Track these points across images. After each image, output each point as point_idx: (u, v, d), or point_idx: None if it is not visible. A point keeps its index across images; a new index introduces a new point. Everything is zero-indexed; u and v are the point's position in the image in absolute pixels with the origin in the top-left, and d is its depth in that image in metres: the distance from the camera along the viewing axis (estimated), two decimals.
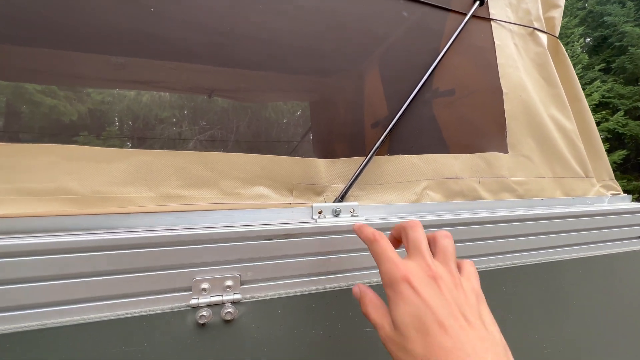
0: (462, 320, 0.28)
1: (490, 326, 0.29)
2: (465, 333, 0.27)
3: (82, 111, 0.37)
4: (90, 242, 0.38)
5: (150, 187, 0.48)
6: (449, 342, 0.27)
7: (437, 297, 0.29)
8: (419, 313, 0.28)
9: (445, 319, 0.28)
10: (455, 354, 0.26)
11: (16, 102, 0.34)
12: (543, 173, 0.73)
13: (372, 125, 0.70)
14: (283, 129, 0.47)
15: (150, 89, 0.50)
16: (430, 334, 0.27)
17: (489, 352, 0.26)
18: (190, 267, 0.41)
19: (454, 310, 0.29)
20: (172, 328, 0.39)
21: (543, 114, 0.76)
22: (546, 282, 0.62)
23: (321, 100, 0.59)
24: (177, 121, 0.41)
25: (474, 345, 0.26)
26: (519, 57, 0.77)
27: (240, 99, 0.54)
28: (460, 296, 0.30)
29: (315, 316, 0.46)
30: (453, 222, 0.57)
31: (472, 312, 0.29)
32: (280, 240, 0.45)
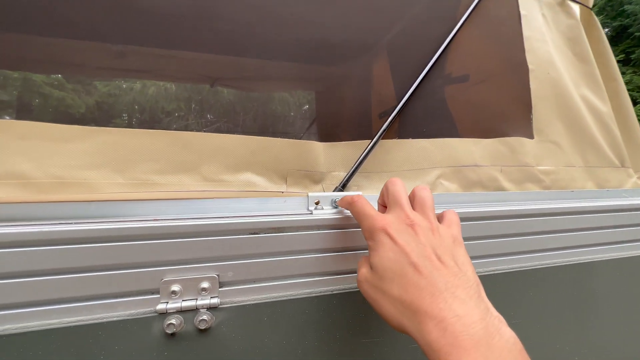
0: (436, 261, 0.30)
1: (463, 266, 0.30)
2: (438, 272, 0.29)
3: (74, 101, 0.34)
4: (41, 234, 0.31)
5: (118, 171, 0.41)
6: (422, 281, 0.28)
7: (413, 242, 0.31)
8: (396, 257, 0.30)
9: (420, 260, 0.29)
10: (428, 290, 0.28)
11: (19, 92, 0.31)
12: (573, 161, 0.65)
13: (380, 115, 0.62)
14: (289, 119, 0.43)
15: (152, 78, 0.43)
16: (405, 275, 0.29)
17: (460, 288, 0.28)
18: (158, 265, 0.35)
19: (429, 253, 0.30)
20: (134, 338, 0.33)
21: (574, 94, 0.66)
22: (577, 286, 0.54)
23: (328, 86, 0.51)
24: (183, 114, 0.38)
25: (446, 282, 0.28)
26: (548, 30, 0.68)
27: (243, 88, 0.48)
28: (435, 240, 0.31)
29: (308, 324, 0.39)
30: (470, 215, 0.49)
31: (447, 254, 0.31)
32: (268, 234, 0.38)
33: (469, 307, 0.26)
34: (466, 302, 0.27)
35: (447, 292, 0.27)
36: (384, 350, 0.41)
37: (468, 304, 0.27)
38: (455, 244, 0.33)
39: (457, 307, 0.26)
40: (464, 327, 0.25)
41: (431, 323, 0.26)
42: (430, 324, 0.26)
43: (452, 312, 0.26)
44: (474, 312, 0.26)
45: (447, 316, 0.26)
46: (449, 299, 0.27)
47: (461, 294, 0.27)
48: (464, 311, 0.26)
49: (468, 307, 0.26)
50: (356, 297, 0.41)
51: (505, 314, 0.51)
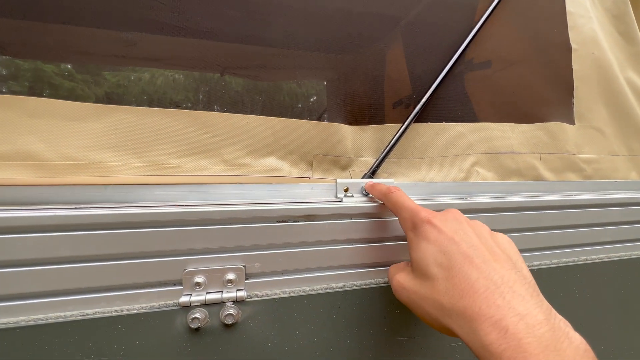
0: (486, 252, 0.26)
1: (517, 262, 0.27)
2: (490, 265, 0.25)
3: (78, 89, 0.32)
4: (54, 219, 0.29)
5: (135, 153, 0.38)
6: (474, 274, 0.25)
7: (461, 230, 0.28)
8: (442, 248, 0.27)
9: (471, 250, 0.26)
10: (482, 284, 0.24)
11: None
12: (617, 150, 0.60)
13: (409, 97, 0.57)
14: (311, 102, 0.40)
15: (161, 66, 0.40)
16: (454, 267, 0.26)
17: (517, 283, 0.24)
18: (181, 255, 0.32)
19: (477, 243, 0.27)
20: (156, 332, 0.30)
21: (619, 76, 0.61)
22: (624, 283, 0.50)
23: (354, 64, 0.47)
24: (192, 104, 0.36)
25: (502, 275, 0.24)
26: (592, 6, 0.62)
27: (254, 77, 0.44)
28: (482, 232, 0.29)
29: (341, 320, 0.36)
30: (507, 206, 0.46)
31: (497, 247, 0.28)
32: (296, 223, 0.35)
33: (530, 305, 0.22)
34: (527, 300, 0.23)
35: (504, 287, 0.23)
36: (420, 349, 0.38)
37: (529, 302, 0.23)
38: (509, 243, 0.29)
39: (517, 304, 0.22)
40: (528, 328, 0.21)
41: (486, 323, 0.22)
42: (486, 324, 0.22)
43: (512, 310, 0.22)
44: (537, 312, 0.22)
45: (506, 314, 0.22)
46: (507, 294, 0.23)
47: (520, 290, 0.23)
48: (526, 309, 0.22)
49: (529, 305, 0.22)
50: (391, 292, 0.38)
51: None
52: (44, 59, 0.39)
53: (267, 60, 0.45)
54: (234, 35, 0.43)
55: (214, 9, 0.43)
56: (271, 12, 0.45)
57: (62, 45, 0.39)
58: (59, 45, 0.39)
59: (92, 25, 0.39)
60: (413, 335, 0.38)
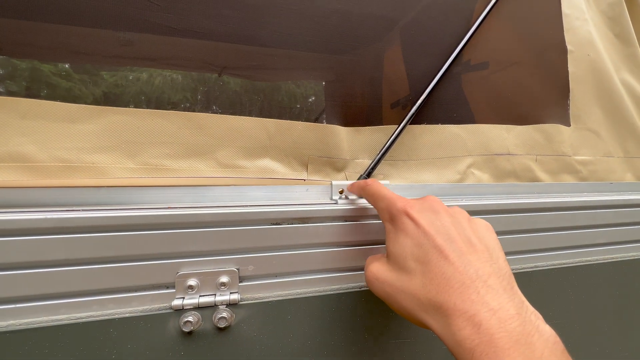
0: (463, 245, 0.26)
1: (494, 251, 0.27)
2: (466, 258, 0.25)
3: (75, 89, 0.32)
4: (46, 222, 0.28)
5: (129, 155, 0.38)
6: (449, 269, 0.24)
7: (438, 222, 0.28)
8: (418, 241, 0.27)
9: (446, 243, 0.26)
10: (457, 279, 0.24)
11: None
12: (612, 151, 0.60)
13: (406, 99, 0.57)
14: (308, 103, 0.39)
15: (159, 66, 0.40)
16: (429, 262, 0.25)
17: (492, 276, 0.24)
18: (174, 258, 0.32)
19: (455, 235, 0.27)
20: (148, 336, 0.30)
21: (614, 78, 0.61)
22: (619, 285, 0.50)
23: (350, 65, 0.47)
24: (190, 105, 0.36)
25: (477, 269, 0.24)
26: (588, 8, 0.62)
27: (252, 77, 0.44)
28: (462, 223, 0.28)
29: (335, 323, 0.36)
30: (503, 208, 0.46)
31: (475, 236, 0.27)
32: (291, 225, 0.35)
33: (503, 300, 0.23)
34: (500, 294, 0.23)
35: (478, 281, 0.23)
36: (415, 352, 0.38)
37: (502, 296, 0.23)
38: (487, 229, 0.29)
39: (490, 299, 0.22)
40: (500, 323, 0.21)
41: (461, 318, 0.22)
42: (460, 320, 0.22)
43: (485, 306, 0.22)
44: (509, 306, 0.22)
45: (480, 310, 0.22)
46: (481, 289, 0.23)
47: (494, 284, 0.24)
48: (498, 304, 0.22)
49: (502, 300, 0.23)
50: None
51: (542, 314, 0.47)
52: (40, 58, 0.39)
53: (265, 60, 0.45)
54: (232, 36, 0.43)
55: (211, 9, 0.42)
56: (269, 12, 0.45)
57: (59, 44, 0.39)
58: (56, 44, 0.39)
59: (89, 25, 0.38)
60: (408, 338, 0.38)
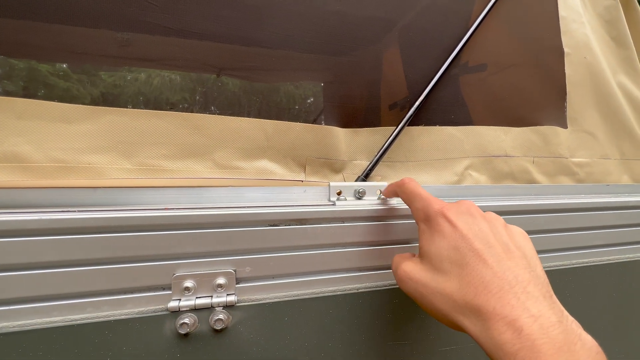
0: (500, 250, 0.26)
1: (532, 259, 0.27)
2: (505, 263, 0.25)
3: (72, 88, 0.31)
4: (39, 223, 0.28)
5: (125, 156, 0.37)
6: (488, 273, 0.24)
7: (475, 226, 0.27)
8: (456, 244, 0.26)
9: (484, 247, 0.26)
10: (496, 284, 0.24)
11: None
12: (609, 153, 0.60)
13: (404, 101, 0.57)
14: (307, 104, 0.39)
15: (157, 67, 0.40)
16: (467, 265, 0.25)
17: (531, 283, 0.24)
18: (170, 259, 0.31)
19: (492, 240, 0.26)
20: (144, 338, 0.30)
21: (611, 81, 0.62)
22: (615, 286, 0.50)
23: (348, 66, 0.47)
24: (188, 105, 0.35)
25: (516, 275, 0.24)
26: (585, 11, 0.63)
27: (251, 78, 0.44)
28: (497, 227, 0.28)
29: (332, 325, 0.36)
30: (501, 209, 0.46)
31: (512, 242, 0.27)
32: (288, 226, 0.35)
33: (543, 307, 0.22)
34: (540, 301, 0.23)
35: (518, 287, 0.23)
36: (413, 354, 0.38)
37: (542, 303, 0.23)
38: (523, 237, 0.29)
39: (531, 305, 0.22)
40: (542, 330, 0.21)
41: (501, 322, 0.22)
42: (500, 324, 0.22)
43: (526, 312, 0.22)
44: (549, 313, 0.22)
45: (521, 315, 0.22)
46: (521, 295, 0.23)
47: (533, 290, 0.23)
48: (539, 311, 0.22)
49: (543, 307, 0.22)
50: (384, 296, 0.37)
51: None
52: (38, 58, 0.39)
53: (264, 61, 0.45)
54: (230, 36, 0.43)
55: (210, 9, 0.42)
56: (268, 13, 0.45)
57: (57, 44, 0.39)
58: (54, 44, 0.39)
59: (88, 25, 0.38)
60: (405, 340, 0.38)
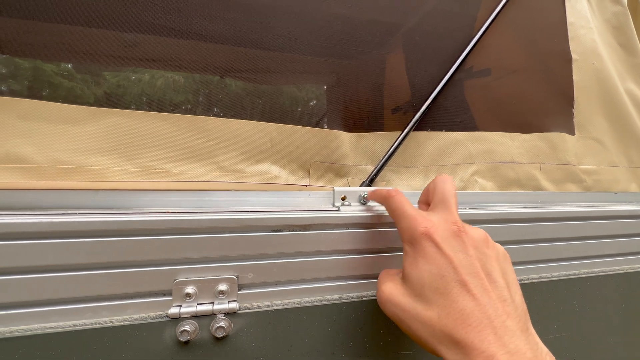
0: (485, 281, 0.26)
1: (512, 287, 0.27)
2: (487, 295, 0.25)
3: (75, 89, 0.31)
4: (39, 226, 0.28)
5: (127, 158, 0.37)
6: (469, 305, 0.24)
7: (461, 254, 0.27)
8: (441, 271, 0.26)
9: (470, 278, 0.25)
10: (476, 317, 0.24)
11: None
12: (617, 161, 0.60)
13: (409, 105, 0.57)
14: (311, 107, 0.39)
15: (161, 67, 0.40)
16: (449, 295, 0.25)
17: (510, 317, 0.24)
18: (171, 264, 0.31)
19: (477, 269, 0.26)
20: (143, 345, 0.29)
21: (619, 87, 0.61)
22: (624, 297, 0.49)
23: (353, 70, 0.47)
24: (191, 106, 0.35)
25: (496, 308, 0.24)
26: (593, 17, 0.62)
27: (254, 80, 0.44)
28: (485, 253, 0.27)
29: (336, 333, 0.35)
30: (508, 217, 0.45)
31: (496, 270, 0.27)
32: (292, 232, 0.34)
33: (520, 342, 0.23)
34: (517, 336, 0.23)
35: (497, 321, 0.24)
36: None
37: (519, 338, 0.23)
38: (505, 259, 0.29)
39: (508, 341, 0.23)
40: None
41: (479, 357, 0.22)
42: (478, 358, 0.22)
43: (503, 348, 0.22)
44: (525, 348, 0.23)
45: (497, 352, 0.22)
46: (499, 330, 0.23)
47: (511, 325, 0.24)
48: (516, 346, 0.23)
49: (519, 342, 0.23)
50: None
51: (547, 327, 0.46)
52: (43, 58, 0.38)
53: (268, 63, 0.45)
54: (234, 38, 0.43)
55: (214, 11, 0.42)
56: (272, 16, 0.44)
57: (62, 44, 0.39)
58: (59, 44, 0.39)
59: (93, 25, 0.38)
60: (410, 350, 0.37)
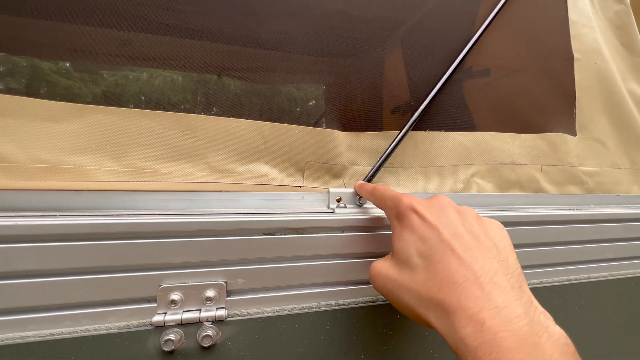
0: (469, 240, 0.25)
1: (504, 249, 0.26)
2: (472, 253, 0.24)
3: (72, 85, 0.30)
4: (16, 228, 0.26)
5: (113, 157, 0.35)
6: (454, 263, 0.24)
7: (444, 217, 0.27)
8: (424, 236, 0.26)
9: (452, 238, 0.25)
10: (461, 274, 0.23)
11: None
12: (619, 162, 0.58)
13: (406, 105, 0.55)
14: (308, 106, 0.38)
15: (158, 66, 0.38)
16: (434, 256, 0.25)
17: (499, 273, 0.23)
18: (156, 269, 0.29)
19: (461, 230, 0.26)
20: (125, 356, 0.28)
21: (621, 87, 0.60)
22: (627, 302, 0.48)
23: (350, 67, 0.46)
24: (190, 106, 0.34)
25: (483, 265, 0.23)
26: (595, 16, 0.61)
27: (252, 79, 0.42)
28: (468, 218, 0.27)
29: (329, 342, 0.33)
30: (508, 220, 0.44)
31: (482, 232, 0.26)
32: (284, 235, 0.33)
33: (509, 297, 0.21)
34: (507, 291, 0.22)
35: (484, 277, 0.22)
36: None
37: (509, 294, 0.22)
38: (499, 229, 0.28)
39: (496, 296, 0.21)
40: (505, 322, 0.20)
41: (463, 315, 0.21)
42: (462, 316, 0.21)
43: (490, 302, 0.21)
44: (515, 304, 0.21)
45: (484, 307, 0.21)
46: (486, 285, 0.22)
47: (501, 280, 0.22)
48: (505, 301, 0.21)
49: (509, 297, 0.21)
50: (385, 311, 0.35)
51: None
52: (40, 56, 0.37)
53: (266, 62, 0.44)
54: (232, 37, 0.41)
55: (212, 9, 0.41)
56: (270, 14, 0.43)
57: (59, 42, 0.37)
58: (56, 42, 0.37)
59: (90, 24, 0.37)
60: (407, 358, 0.36)
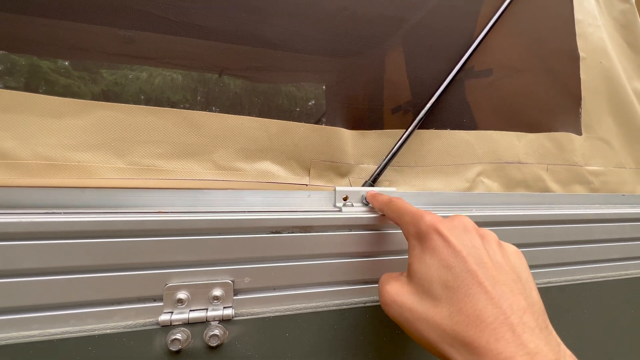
0: (494, 271, 0.23)
1: (527, 282, 0.24)
2: (499, 289, 0.22)
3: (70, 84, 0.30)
4: (21, 225, 0.26)
5: (118, 154, 0.35)
6: (482, 298, 0.22)
7: (469, 242, 0.25)
8: (448, 262, 0.24)
9: (479, 268, 0.23)
10: (490, 312, 0.21)
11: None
12: (624, 162, 0.58)
13: (411, 103, 0.55)
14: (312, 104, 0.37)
15: (159, 65, 0.38)
16: (460, 288, 0.23)
17: (527, 312, 0.21)
18: (162, 268, 0.29)
19: (486, 259, 0.24)
20: (131, 356, 0.27)
21: (627, 87, 0.59)
22: (635, 303, 0.48)
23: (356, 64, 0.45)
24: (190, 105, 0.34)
25: (511, 302, 0.22)
26: (600, 15, 0.61)
27: (253, 78, 0.42)
28: (491, 244, 0.26)
29: (337, 341, 0.33)
30: (514, 219, 0.43)
31: (507, 264, 0.25)
32: (291, 234, 0.32)
33: (540, 342, 0.20)
34: (537, 334, 0.20)
35: (513, 317, 0.21)
36: None
37: (539, 337, 0.20)
38: (518, 256, 0.26)
39: (527, 340, 0.20)
40: None
41: (494, 359, 0.19)
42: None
43: (522, 348, 0.19)
44: (546, 349, 0.20)
45: (516, 353, 0.19)
46: (517, 327, 0.20)
47: (529, 321, 0.21)
48: (536, 347, 0.20)
49: (539, 342, 0.20)
50: None
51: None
52: (39, 54, 0.37)
53: (266, 61, 0.43)
54: (233, 36, 0.41)
55: (214, 8, 0.40)
56: (271, 13, 0.42)
57: (58, 40, 0.37)
58: (56, 40, 0.37)
59: (90, 22, 0.36)
60: (415, 359, 0.35)
